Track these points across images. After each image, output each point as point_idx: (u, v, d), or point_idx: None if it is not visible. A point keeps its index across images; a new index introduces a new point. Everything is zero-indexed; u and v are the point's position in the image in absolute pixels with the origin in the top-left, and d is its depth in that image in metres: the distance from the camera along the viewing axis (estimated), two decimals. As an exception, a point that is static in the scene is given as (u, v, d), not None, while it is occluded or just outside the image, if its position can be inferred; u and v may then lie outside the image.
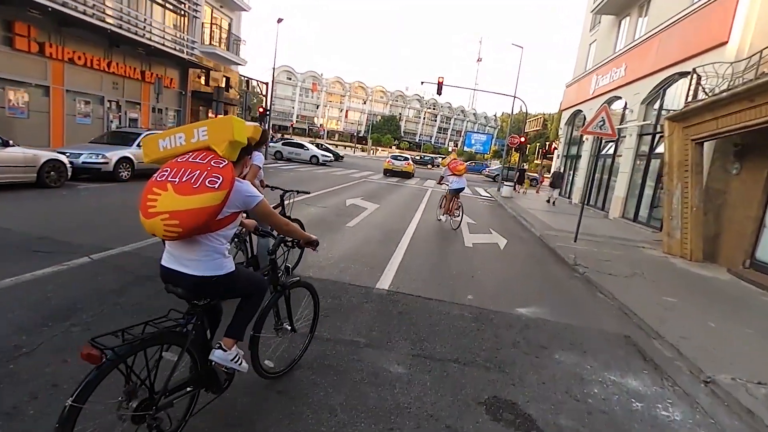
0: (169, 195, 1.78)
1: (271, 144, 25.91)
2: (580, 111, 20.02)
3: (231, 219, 1.99)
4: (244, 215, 2.57)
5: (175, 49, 17.87)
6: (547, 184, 19.60)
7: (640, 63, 13.69)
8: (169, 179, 1.83)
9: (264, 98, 36.30)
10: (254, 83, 28.31)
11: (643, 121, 13.36)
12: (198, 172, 1.83)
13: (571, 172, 20.90)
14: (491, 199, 17.90)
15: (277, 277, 2.63)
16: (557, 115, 52.46)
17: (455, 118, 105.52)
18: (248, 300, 2.30)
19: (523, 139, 22.84)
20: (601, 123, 8.80)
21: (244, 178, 2.12)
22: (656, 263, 8.06)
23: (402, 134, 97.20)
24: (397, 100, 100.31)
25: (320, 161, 25.69)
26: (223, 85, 23.17)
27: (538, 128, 41.74)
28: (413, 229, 8.69)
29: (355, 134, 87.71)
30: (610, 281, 6.28)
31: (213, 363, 2.16)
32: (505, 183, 18.87)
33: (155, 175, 1.89)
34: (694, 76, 8.99)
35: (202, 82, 21.38)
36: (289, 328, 2.83)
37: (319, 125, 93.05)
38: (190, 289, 1.98)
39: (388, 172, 23.55)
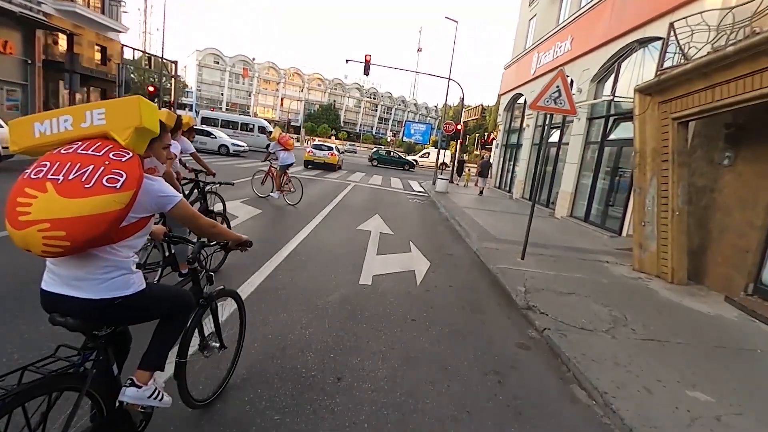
0: (48, 197, 1.37)
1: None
2: (520, 94, 17.98)
3: (139, 226, 1.62)
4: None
5: (5, 0, 13.34)
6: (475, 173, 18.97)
7: (589, 33, 11.58)
8: (50, 176, 1.41)
9: (174, 79, 31.37)
10: (161, 62, 23.65)
11: (593, 100, 11.27)
12: (91, 167, 1.42)
13: (511, 164, 18.90)
14: (423, 195, 15.34)
15: (200, 288, 2.19)
16: (495, 106, 51.83)
17: (396, 108, 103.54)
18: (169, 322, 1.89)
19: (459, 127, 20.57)
20: (556, 94, 6.29)
21: (153, 173, 1.73)
22: (632, 291, 5.70)
23: (342, 124, 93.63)
24: (335, 89, 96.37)
25: (230, 151, 21.85)
26: (99, 56, 18.62)
27: (476, 117, 40.32)
28: (288, 251, 5.70)
29: (289, 123, 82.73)
30: (586, 348, 3.69)
31: (125, 404, 1.75)
32: (440, 176, 16.39)
33: (28, 170, 1.45)
34: (672, 32, 6.71)
35: (63, 50, 16.80)
36: (217, 344, 2.38)
37: (252, 114, 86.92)
38: (86, 318, 1.56)
39: (309, 164, 20.32)
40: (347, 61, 20.67)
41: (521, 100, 18.22)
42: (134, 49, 21.20)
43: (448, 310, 4.39)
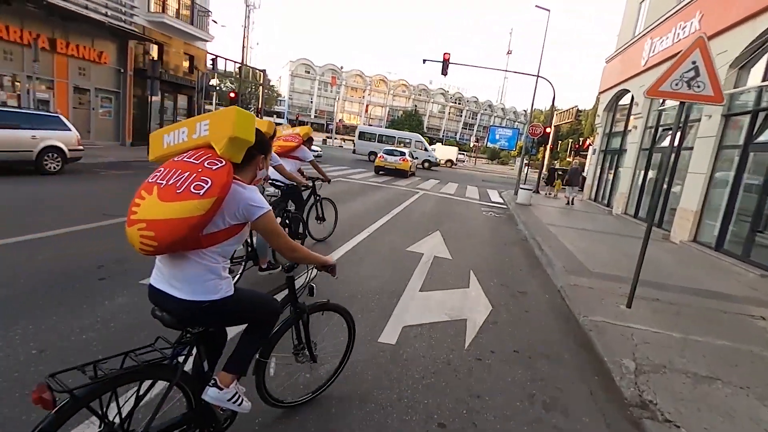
0: (152, 200, 1.49)
1: None
2: (626, 91, 15.13)
3: (230, 233, 1.63)
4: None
5: (100, 14, 14.22)
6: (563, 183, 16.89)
7: (728, 5, 8.91)
8: (158, 181, 1.54)
9: (262, 87, 32.79)
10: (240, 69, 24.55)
11: (734, 88, 8.58)
12: (187, 174, 1.52)
13: (611, 173, 16.02)
14: (501, 207, 13.40)
15: (295, 297, 2.17)
16: (593, 109, 46.64)
17: (482, 113, 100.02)
18: (255, 328, 1.92)
19: (549, 130, 18.07)
20: (690, 74, 4.33)
21: (253, 183, 1.81)
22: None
23: (425, 129, 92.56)
24: (420, 95, 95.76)
25: None
26: (186, 64, 19.53)
27: (570, 121, 36.55)
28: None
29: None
30: None
31: (208, 403, 1.79)
32: (523, 186, 14.26)
33: (152, 174, 1.59)
34: None
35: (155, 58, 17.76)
36: (308, 355, 2.35)
37: (337, 120, 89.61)
38: (179, 315, 1.65)
39: (380, 170, 19.32)
40: (424, 61, 19.35)
41: (626, 99, 15.35)
42: (224, 58, 22.05)
43: (504, 405, 2.78)
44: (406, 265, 5.58)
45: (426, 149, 30.75)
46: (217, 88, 61.38)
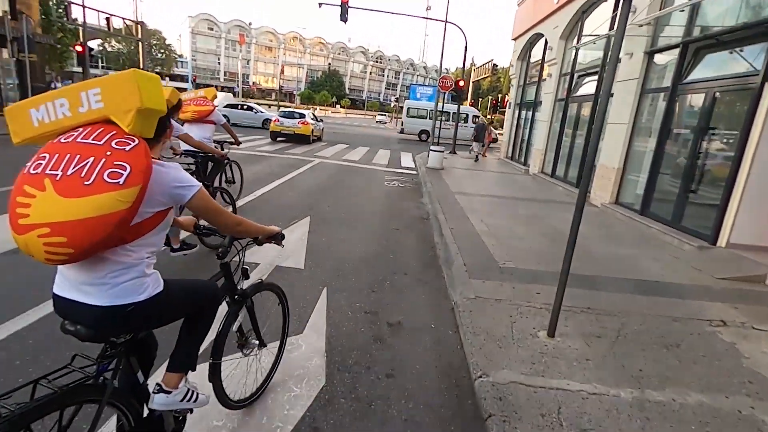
0: (47, 197, 1.17)
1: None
2: (540, 35, 13.71)
3: (155, 222, 1.36)
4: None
5: None
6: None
7: None
8: (48, 171, 1.20)
9: (141, 44, 27.49)
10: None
11: (658, 11, 7.19)
12: (92, 159, 1.21)
13: (527, 128, 14.82)
14: (410, 174, 11.58)
15: (233, 284, 1.97)
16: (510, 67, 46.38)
17: (405, 72, 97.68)
18: (195, 319, 1.68)
19: (461, 83, 16.38)
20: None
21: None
22: None
23: (347, 90, 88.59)
24: (339, 53, 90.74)
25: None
26: (4, 6, 14.92)
27: (487, 76, 35.73)
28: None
29: (280, 91, 77.91)
30: None
31: (155, 412, 1.60)
32: (434, 148, 12.47)
33: (28, 164, 1.24)
34: None
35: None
36: (257, 342, 2.22)
37: (251, 83, 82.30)
38: (96, 326, 1.36)
39: (277, 135, 16.56)
40: (320, 5, 16.54)
41: (540, 44, 13.97)
42: (100, 11, 17.34)
43: None
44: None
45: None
46: (101, 49, 52.53)
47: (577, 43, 10.50)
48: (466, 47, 16.92)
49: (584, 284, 4.09)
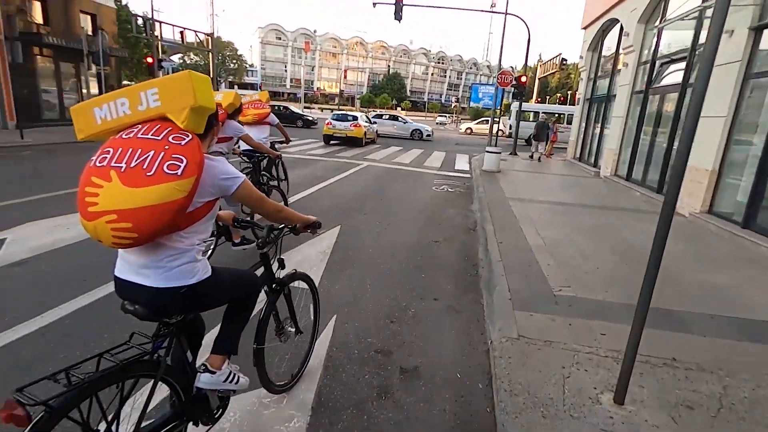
0: (113, 187, 1.29)
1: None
2: (615, 21, 12.19)
3: (204, 211, 1.49)
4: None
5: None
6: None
7: None
8: (113, 164, 1.33)
9: (211, 54, 29.08)
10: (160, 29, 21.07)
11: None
12: (152, 153, 1.33)
13: (598, 125, 13.29)
14: (463, 177, 10.73)
15: (272, 274, 2.09)
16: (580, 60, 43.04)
17: (467, 73, 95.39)
18: (237, 306, 1.82)
19: (524, 79, 15.12)
20: None
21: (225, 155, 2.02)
22: None
23: (408, 93, 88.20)
24: (401, 56, 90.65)
25: (423, 137, 22.69)
26: (88, 25, 16.21)
27: (555, 71, 33.53)
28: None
29: (356, 96, 79.07)
30: None
31: (202, 391, 1.70)
32: (490, 149, 11.52)
33: (94, 157, 1.38)
34: None
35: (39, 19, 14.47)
36: (293, 330, 2.29)
37: (315, 89, 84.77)
38: (153, 306, 1.49)
39: (330, 139, 16.42)
40: (374, 4, 16.17)
41: (614, 31, 12.43)
42: (185, 28, 18.53)
43: None
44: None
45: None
46: (181, 62, 56.90)
47: (661, 21, 9.04)
48: (529, 40, 15.65)
49: (668, 323, 3.15)
